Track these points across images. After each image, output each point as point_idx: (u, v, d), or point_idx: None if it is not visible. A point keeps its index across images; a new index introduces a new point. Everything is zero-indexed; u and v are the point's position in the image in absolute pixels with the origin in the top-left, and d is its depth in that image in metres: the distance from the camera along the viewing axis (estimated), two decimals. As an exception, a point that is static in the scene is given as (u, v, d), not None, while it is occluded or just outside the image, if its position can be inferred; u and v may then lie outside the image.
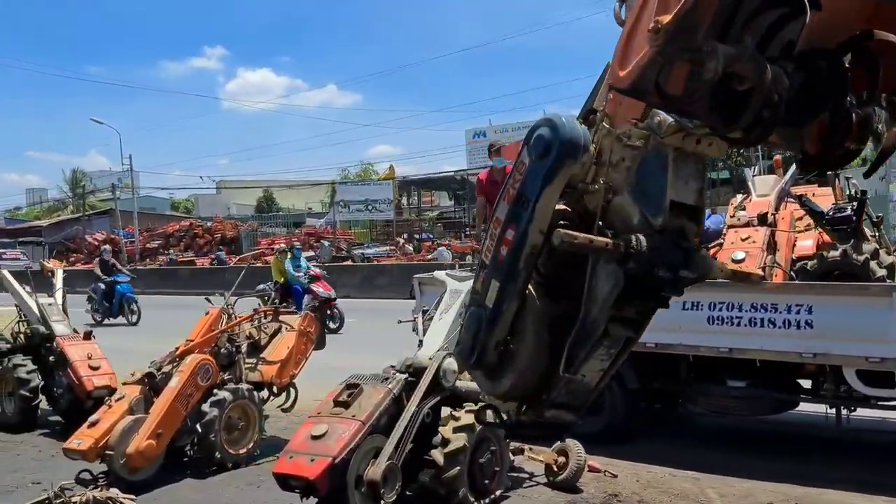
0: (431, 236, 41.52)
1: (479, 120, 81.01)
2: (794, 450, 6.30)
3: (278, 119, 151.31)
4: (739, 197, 7.66)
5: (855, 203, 6.44)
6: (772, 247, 6.69)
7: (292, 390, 6.92)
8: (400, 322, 6.39)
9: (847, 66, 2.39)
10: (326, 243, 35.95)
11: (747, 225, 6.86)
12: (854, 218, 6.24)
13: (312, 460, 4.52)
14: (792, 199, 7.26)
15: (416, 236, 40.94)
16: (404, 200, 46.16)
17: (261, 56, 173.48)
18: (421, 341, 5.67)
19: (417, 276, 8.23)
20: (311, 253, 29.93)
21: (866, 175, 2.99)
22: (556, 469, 5.67)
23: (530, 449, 5.84)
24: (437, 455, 4.90)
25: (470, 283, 5.71)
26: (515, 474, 5.74)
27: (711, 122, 2.47)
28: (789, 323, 5.66)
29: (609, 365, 2.99)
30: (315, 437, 4.67)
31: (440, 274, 6.20)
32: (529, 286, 3.01)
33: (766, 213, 6.93)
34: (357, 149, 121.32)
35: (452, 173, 43.40)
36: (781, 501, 5.17)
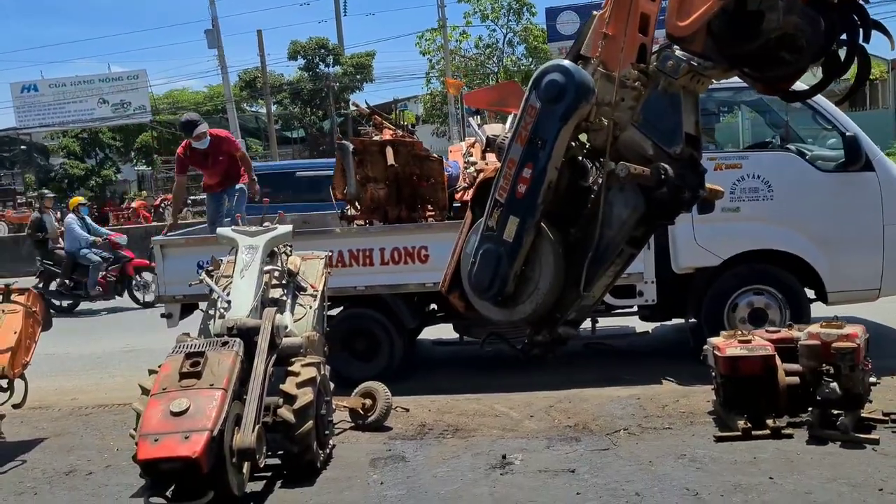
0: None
1: (27, 72, 69.59)
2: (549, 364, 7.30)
3: None
4: (461, 144, 8.38)
5: None
6: None
7: (20, 382, 5.79)
8: (191, 285, 5.79)
9: None
10: None
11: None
12: None
13: (187, 437, 4.05)
14: None
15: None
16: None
17: None
18: (228, 301, 5.28)
19: (157, 238, 7.37)
20: None
21: (839, 103, 3.83)
22: (362, 412, 5.83)
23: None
24: (286, 413, 4.73)
25: (264, 236, 5.57)
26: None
27: (729, 64, 2.99)
28: None
29: (612, 281, 3.55)
30: (177, 414, 4.16)
31: (226, 231, 5.77)
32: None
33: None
34: None
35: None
36: (556, 402, 6.13)
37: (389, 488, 4.67)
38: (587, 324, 7.19)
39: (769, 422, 4.97)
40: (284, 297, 5.63)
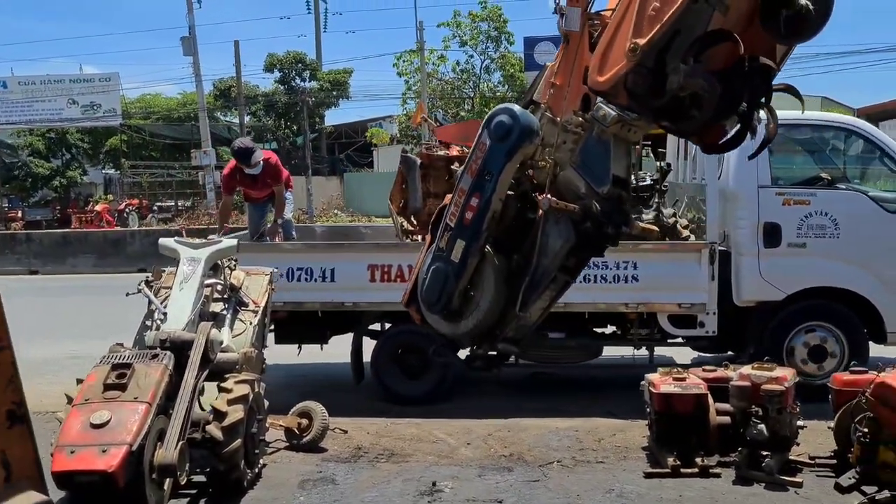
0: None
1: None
2: (497, 391, 7.34)
3: None
4: None
5: (657, 174, 7.40)
6: None
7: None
8: (129, 294, 5.70)
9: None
10: None
11: None
12: (656, 186, 7.26)
13: (104, 451, 3.97)
14: None
15: None
16: None
17: None
18: (164, 313, 5.22)
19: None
20: None
21: (750, 158, 4.09)
22: (298, 432, 5.77)
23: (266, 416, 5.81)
24: (215, 430, 4.66)
25: (207, 249, 5.54)
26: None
27: (653, 118, 3.29)
28: (618, 278, 6.61)
29: (548, 305, 3.79)
30: (97, 426, 4.09)
31: (169, 241, 5.71)
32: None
33: None
34: None
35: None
36: (495, 431, 6.12)
37: (314, 511, 4.62)
38: (644, 352, 7.21)
39: (698, 460, 5.00)
40: (225, 312, 5.58)
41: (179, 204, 33.43)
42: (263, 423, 5.24)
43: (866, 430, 4.19)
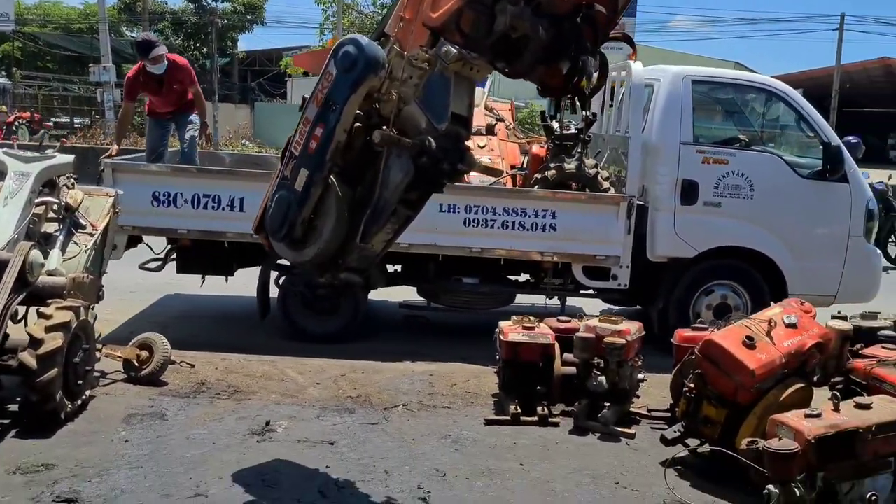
0: None
1: None
2: (365, 333, 7.02)
3: None
4: None
5: (582, 123, 7.16)
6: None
7: None
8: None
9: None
10: None
11: (478, 134, 7.43)
12: (580, 135, 7.03)
13: None
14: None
15: None
16: None
17: None
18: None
19: (108, 160, 6.60)
20: None
21: (582, 107, 4.06)
22: (137, 364, 5.49)
23: (104, 346, 5.49)
24: (28, 358, 4.35)
25: (38, 164, 5.14)
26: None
27: (490, 57, 3.32)
28: (536, 226, 6.45)
29: (391, 237, 3.83)
30: None
31: (-4, 153, 5.23)
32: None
33: (493, 124, 7.81)
34: None
35: None
36: (349, 372, 5.98)
37: (132, 447, 4.39)
38: (556, 301, 7.12)
39: (540, 409, 5.00)
40: (58, 234, 5.19)
41: (76, 121, 31.58)
42: (91, 352, 4.94)
43: (692, 385, 4.23)
